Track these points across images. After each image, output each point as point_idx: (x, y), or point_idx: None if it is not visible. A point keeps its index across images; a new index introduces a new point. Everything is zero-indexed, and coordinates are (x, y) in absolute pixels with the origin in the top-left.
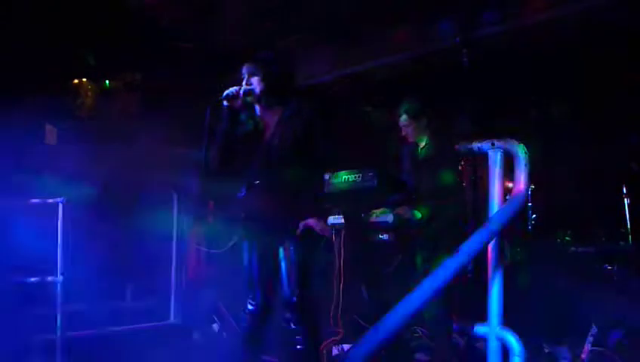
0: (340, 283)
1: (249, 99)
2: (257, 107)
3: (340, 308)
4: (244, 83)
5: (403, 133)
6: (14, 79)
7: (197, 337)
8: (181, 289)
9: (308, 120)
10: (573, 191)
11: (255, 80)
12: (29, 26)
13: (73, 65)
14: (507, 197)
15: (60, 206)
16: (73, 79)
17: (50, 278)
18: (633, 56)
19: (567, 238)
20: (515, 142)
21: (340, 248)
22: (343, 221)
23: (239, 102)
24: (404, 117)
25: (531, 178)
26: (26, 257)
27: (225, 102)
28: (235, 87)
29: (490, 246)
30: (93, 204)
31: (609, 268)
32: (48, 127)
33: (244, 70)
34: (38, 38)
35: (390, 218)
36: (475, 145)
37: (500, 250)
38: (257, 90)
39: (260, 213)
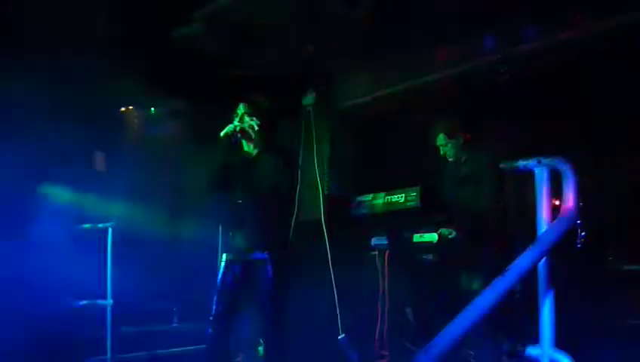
0: (384, 304)
1: (241, 136)
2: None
3: (385, 331)
4: (237, 121)
5: (442, 153)
6: (65, 108)
7: (241, 360)
8: None
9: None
10: (623, 205)
11: (249, 120)
12: (79, 56)
13: (121, 94)
14: (559, 215)
15: (110, 230)
16: (120, 107)
17: (100, 301)
18: None
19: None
20: (563, 160)
21: (384, 269)
22: (386, 242)
23: (235, 138)
24: (440, 136)
25: (580, 194)
26: (77, 281)
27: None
28: (231, 125)
29: (539, 266)
30: (141, 228)
31: None
32: (97, 154)
33: (241, 109)
34: (88, 68)
35: (435, 237)
36: (521, 163)
37: (550, 269)
38: (251, 129)
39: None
